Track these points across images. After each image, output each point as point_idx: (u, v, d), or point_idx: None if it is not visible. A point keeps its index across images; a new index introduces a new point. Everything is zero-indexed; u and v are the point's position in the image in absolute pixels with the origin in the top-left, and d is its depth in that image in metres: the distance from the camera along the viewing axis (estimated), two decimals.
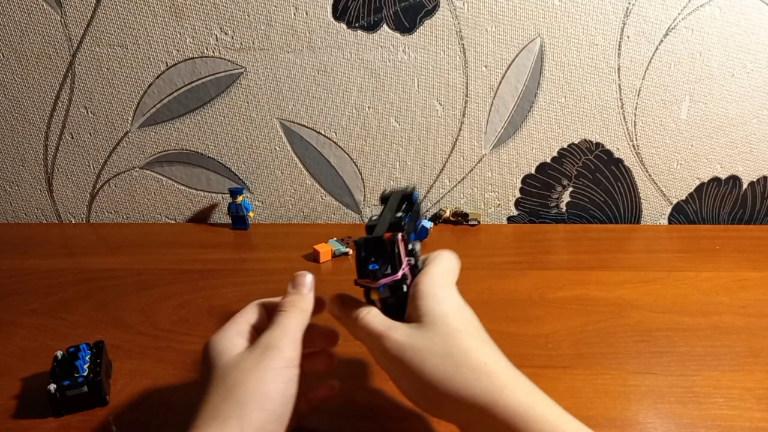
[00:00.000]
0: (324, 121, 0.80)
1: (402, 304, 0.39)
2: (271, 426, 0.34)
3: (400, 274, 0.39)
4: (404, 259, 0.39)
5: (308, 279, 0.41)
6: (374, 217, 0.42)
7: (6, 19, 0.74)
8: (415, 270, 0.41)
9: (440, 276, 0.40)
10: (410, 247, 0.41)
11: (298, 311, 0.39)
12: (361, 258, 0.39)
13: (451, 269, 0.41)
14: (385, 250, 0.39)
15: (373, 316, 0.38)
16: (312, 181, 0.84)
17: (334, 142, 0.81)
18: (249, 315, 0.40)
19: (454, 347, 0.35)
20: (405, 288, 0.39)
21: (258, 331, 0.39)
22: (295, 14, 0.74)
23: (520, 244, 0.78)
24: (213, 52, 0.76)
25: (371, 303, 0.41)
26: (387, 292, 0.39)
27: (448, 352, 0.35)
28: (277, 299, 0.41)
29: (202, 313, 0.60)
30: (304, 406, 0.41)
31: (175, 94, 0.78)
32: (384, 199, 0.45)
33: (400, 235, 0.39)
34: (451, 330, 0.36)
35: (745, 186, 0.83)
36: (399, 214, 0.42)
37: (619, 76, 0.76)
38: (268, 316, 0.40)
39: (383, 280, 0.38)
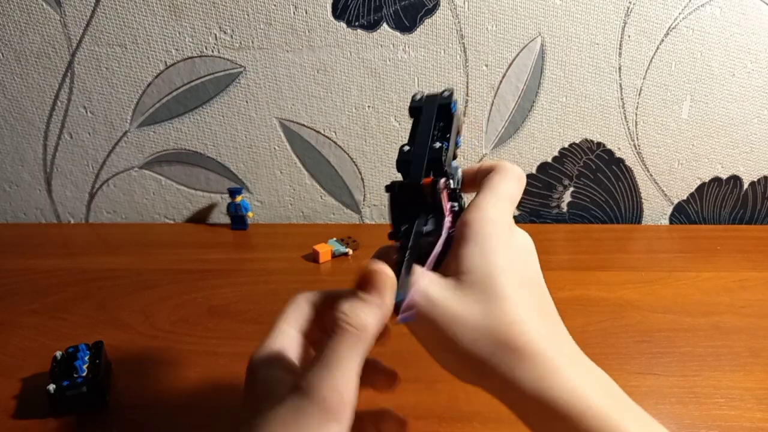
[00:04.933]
0: (324, 120, 0.79)
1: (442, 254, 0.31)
2: None
3: (444, 233, 0.30)
4: (447, 210, 0.30)
5: (387, 279, 0.28)
6: (405, 148, 0.33)
7: (6, 18, 0.74)
8: (459, 211, 0.32)
9: (494, 212, 0.30)
10: (453, 184, 0.32)
11: (356, 333, 0.27)
12: (395, 212, 0.31)
13: (509, 198, 0.31)
14: (424, 200, 0.31)
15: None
16: (311, 180, 0.83)
17: (334, 142, 0.81)
18: (294, 323, 0.31)
19: (495, 319, 0.28)
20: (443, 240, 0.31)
21: (310, 346, 0.31)
22: (294, 13, 0.73)
23: None
24: (212, 52, 0.76)
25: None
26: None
27: (487, 326, 0.28)
28: (334, 292, 0.31)
29: (201, 313, 0.60)
30: None
31: (174, 93, 0.78)
32: (414, 110, 0.35)
33: (442, 181, 0.30)
34: (495, 295, 0.28)
35: (746, 186, 0.83)
36: (436, 145, 0.32)
37: (620, 76, 0.76)
38: (319, 323, 0.31)
39: (430, 258, 0.30)
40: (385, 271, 0.28)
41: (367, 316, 0.27)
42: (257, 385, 0.28)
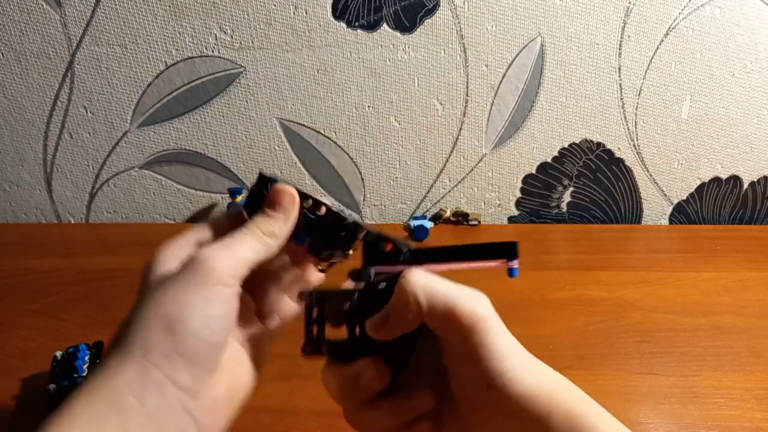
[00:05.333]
0: (324, 120, 0.79)
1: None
2: (193, 353, 0.27)
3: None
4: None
5: (291, 197, 0.31)
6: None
7: (6, 18, 0.74)
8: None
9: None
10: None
11: (262, 236, 0.30)
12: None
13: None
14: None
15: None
16: (312, 181, 0.83)
17: (334, 142, 0.81)
18: (202, 234, 0.32)
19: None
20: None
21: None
22: (294, 13, 0.73)
23: (520, 244, 0.77)
24: (212, 52, 0.76)
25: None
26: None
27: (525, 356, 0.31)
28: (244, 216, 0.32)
29: None
30: (256, 333, 0.33)
31: (175, 93, 0.78)
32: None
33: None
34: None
35: (745, 186, 0.83)
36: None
37: (620, 76, 0.76)
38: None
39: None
40: (288, 191, 0.31)
41: (273, 227, 0.30)
42: (145, 278, 0.31)
